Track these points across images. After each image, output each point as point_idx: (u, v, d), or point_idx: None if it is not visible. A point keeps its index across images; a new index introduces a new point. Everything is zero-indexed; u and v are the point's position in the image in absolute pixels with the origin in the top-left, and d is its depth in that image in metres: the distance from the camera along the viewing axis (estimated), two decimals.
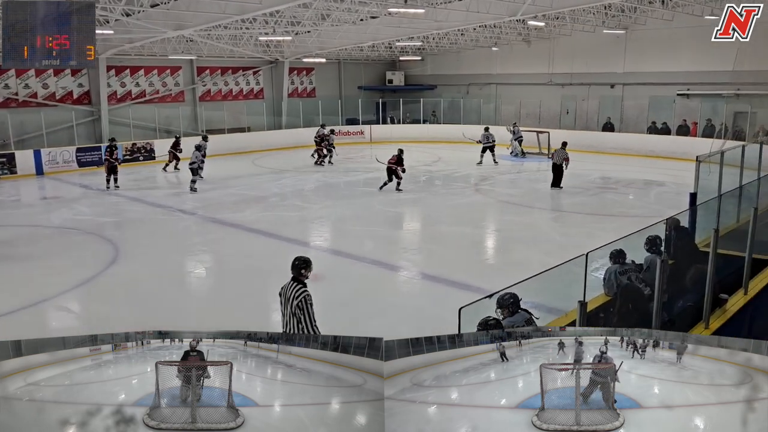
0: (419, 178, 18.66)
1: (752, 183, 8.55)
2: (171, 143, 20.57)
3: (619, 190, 16.49)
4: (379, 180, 16.46)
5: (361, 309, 8.14)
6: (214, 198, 15.69)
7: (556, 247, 10.81)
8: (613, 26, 22.92)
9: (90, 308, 8.68)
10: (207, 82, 26.52)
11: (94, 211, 14.54)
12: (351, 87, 31.10)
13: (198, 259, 11.05)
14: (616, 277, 5.69)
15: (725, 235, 6.67)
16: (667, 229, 6.25)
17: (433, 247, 11.38)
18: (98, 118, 22.93)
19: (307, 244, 11.86)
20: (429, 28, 21.32)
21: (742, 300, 6.40)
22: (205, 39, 22.06)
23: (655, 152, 21.56)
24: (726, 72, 20.20)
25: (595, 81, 25.18)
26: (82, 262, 10.32)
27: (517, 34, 25.05)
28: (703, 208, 7.49)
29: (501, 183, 18.36)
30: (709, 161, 9.14)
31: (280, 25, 19.96)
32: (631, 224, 9.93)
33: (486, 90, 28.90)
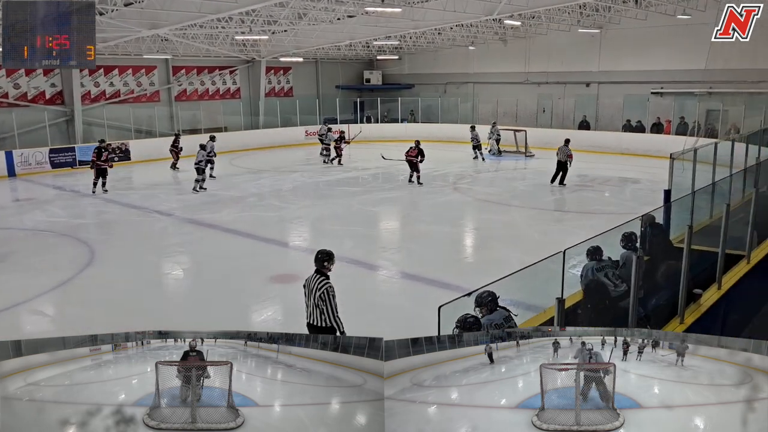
0: (398, 177, 18.67)
1: (724, 179, 8.70)
2: (171, 141, 20.57)
3: (596, 187, 16.68)
4: (358, 180, 16.45)
5: (340, 308, 8.12)
6: (191, 199, 15.54)
7: (534, 244, 10.89)
8: (588, 25, 23.18)
9: (66, 311, 8.53)
10: (183, 82, 26.24)
11: (69, 213, 14.30)
12: (329, 86, 31.01)
13: (175, 260, 10.93)
14: (593, 273, 5.74)
15: (699, 231, 6.78)
16: (643, 226, 6.33)
17: (412, 246, 11.40)
18: (72, 119, 22.54)
19: (286, 245, 11.81)
20: (406, 27, 21.35)
21: (715, 295, 6.51)
22: (180, 38, 21.82)
23: (630, 150, 21.86)
24: (698, 71, 20.53)
25: (570, 80, 25.46)
26: (56, 265, 10.14)
27: (494, 33, 25.19)
28: (678, 204, 7.60)
29: (479, 181, 18.46)
30: (682, 159, 9.28)
31: (256, 24, 19.82)
32: (607, 221, 10.06)
33: (463, 89, 29.03)
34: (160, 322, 3.65)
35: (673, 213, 7.53)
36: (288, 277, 9.45)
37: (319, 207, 14.67)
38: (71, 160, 20.66)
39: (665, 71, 22.62)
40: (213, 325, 3.55)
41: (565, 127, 24.74)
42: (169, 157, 20.64)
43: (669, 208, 7.84)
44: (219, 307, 8.25)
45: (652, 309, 5.88)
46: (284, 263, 10.43)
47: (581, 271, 5.83)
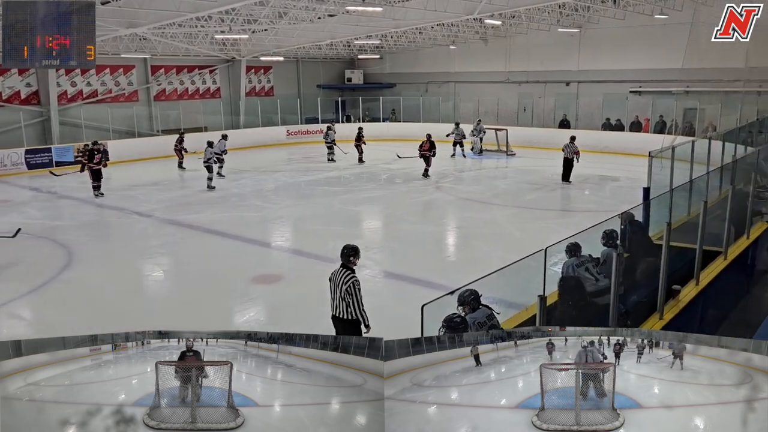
0: (380, 176, 18.68)
1: (702, 177, 8.82)
2: (175, 140, 20.49)
3: (576, 185, 16.82)
4: (340, 179, 16.41)
5: (323, 308, 8.09)
6: (172, 199, 15.39)
7: (515, 242, 10.96)
8: (567, 25, 23.37)
9: (43, 314, 8.40)
10: (162, 81, 25.98)
11: (46, 215, 14.08)
12: (310, 86, 30.91)
13: (155, 261, 10.81)
14: (573, 270, 5.78)
15: (677, 228, 6.86)
16: (622, 223, 6.39)
17: (394, 245, 11.40)
18: (48, 119, 22.21)
19: (268, 245, 11.75)
20: (387, 26, 21.36)
21: (694, 290, 6.60)
22: (159, 37, 21.60)
23: (609, 148, 22.08)
24: (675, 70, 20.81)
25: (550, 79, 25.66)
26: (33, 268, 9.97)
27: (475, 32, 25.30)
28: (656, 202, 7.69)
29: (461, 180, 18.52)
30: (661, 156, 9.38)
31: (236, 23, 19.68)
32: (587, 219, 10.15)
33: (445, 88, 29.12)
34: (140, 324, 3.61)
35: (652, 210, 7.60)
36: (270, 278, 9.42)
37: (301, 207, 14.61)
38: (48, 161, 20.34)
39: (643, 70, 22.91)
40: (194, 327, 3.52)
41: (545, 126, 24.94)
42: (173, 155, 20.55)
43: (648, 206, 7.92)
44: (200, 308, 8.18)
45: (632, 305, 5.94)
46: (266, 264, 10.37)
47: (561, 268, 5.87)
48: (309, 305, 8.20)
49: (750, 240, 8.60)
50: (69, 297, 8.83)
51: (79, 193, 16.26)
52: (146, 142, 23.42)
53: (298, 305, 8.29)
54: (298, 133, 27.51)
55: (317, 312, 7.93)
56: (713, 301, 7.13)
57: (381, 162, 20.78)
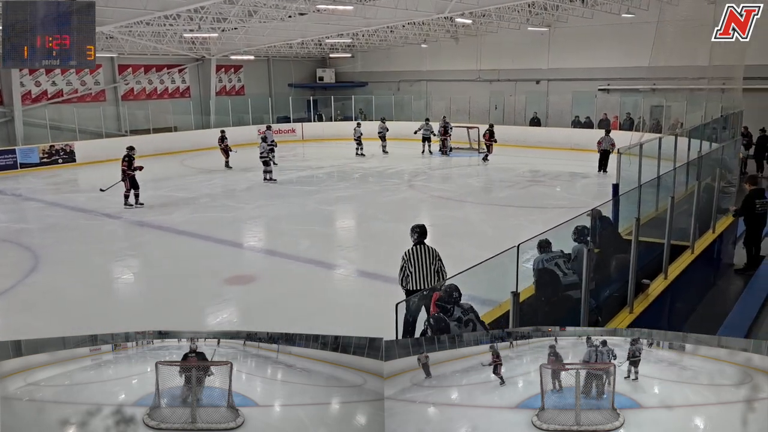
0: (352, 175, 18.64)
1: (669, 173, 8.99)
2: (218, 138, 20.12)
3: (547, 182, 17.02)
4: (313, 178, 16.34)
5: (298, 308, 8.05)
6: (141, 200, 15.12)
7: (488, 239, 11.04)
8: (537, 24, 23.62)
9: (10, 319, 8.18)
10: (129, 81, 25.55)
11: (10, 218, 13.74)
12: (281, 84, 30.71)
13: (125, 264, 10.62)
14: (543, 265, 5.85)
15: (646, 224, 6.98)
16: (592, 220, 6.48)
17: (368, 244, 11.39)
18: (11, 120, 21.69)
19: (241, 245, 11.63)
20: (358, 25, 21.34)
21: (662, 284, 6.72)
22: (126, 36, 21.23)
23: (579, 145, 22.38)
24: (642, 68, 21.17)
25: (521, 77, 25.91)
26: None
27: (446, 31, 25.42)
28: (625, 198, 7.81)
29: (434, 178, 18.59)
30: (629, 153, 9.53)
31: (205, 22, 19.45)
32: (559, 215, 10.27)
33: (416, 86, 29.20)
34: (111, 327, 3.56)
35: (621, 206, 7.73)
36: (243, 278, 9.33)
37: (274, 207, 14.51)
38: (12, 162, 19.88)
39: (611, 68, 23.27)
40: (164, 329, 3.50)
41: (516, 124, 25.16)
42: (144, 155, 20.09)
43: (617, 202, 8.05)
44: (172, 310, 8.07)
45: (604, 300, 6.03)
46: (239, 264, 10.27)
47: (533, 264, 5.93)
48: (283, 305, 8.17)
49: (716, 234, 8.80)
50: (36, 301, 8.62)
51: (44, 196, 15.91)
52: (114, 143, 23.00)
53: (272, 305, 8.24)
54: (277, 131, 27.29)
55: (292, 312, 7.91)
56: (681, 294, 7.27)
57: (353, 161, 20.74)
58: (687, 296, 7.65)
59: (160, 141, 23.75)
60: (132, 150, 14.47)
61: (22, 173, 19.61)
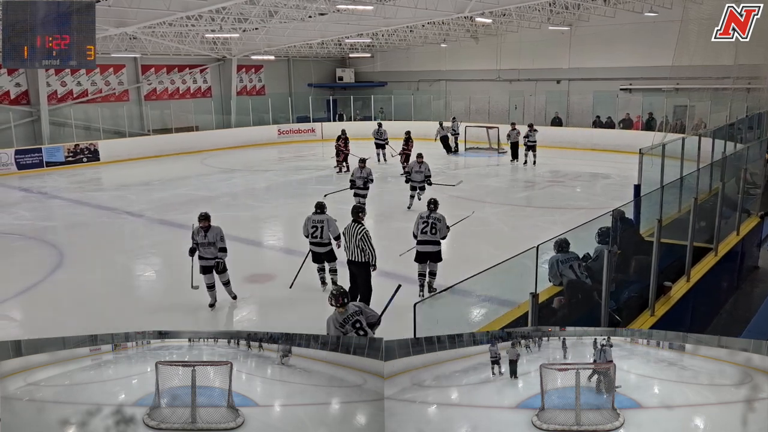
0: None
1: (692, 174, 8.87)
2: (335, 139, 19.24)
3: (567, 183, 16.87)
4: (332, 177, 16.38)
5: (318, 307, 8.08)
6: (162, 199, 15.31)
7: (507, 240, 10.99)
8: (557, 23, 23.42)
9: (35, 316, 8.34)
10: (152, 81, 25.85)
11: (36, 215, 13.99)
12: (301, 84, 30.84)
13: (147, 262, 10.76)
14: (558, 265, 5.81)
15: (668, 225, 6.90)
16: (613, 221, 6.42)
17: (386, 243, 11.37)
18: (38, 119, 22.06)
19: (260, 244, 11.72)
20: (378, 24, 21.33)
21: (684, 287, 6.64)
22: (149, 36, 21.48)
23: (600, 146, 22.17)
24: (665, 67, 20.92)
25: (541, 77, 25.71)
26: (24, 268, 9.92)
27: (465, 30, 25.31)
28: (647, 199, 7.72)
29: (453, 178, 18.51)
30: (651, 154, 9.43)
31: (226, 22, 19.61)
32: (579, 216, 10.19)
33: (436, 86, 29.13)
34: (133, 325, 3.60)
35: (642, 207, 7.64)
36: (263, 277, 9.40)
37: (293, 206, 14.56)
38: (38, 161, 20.22)
39: (633, 68, 22.98)
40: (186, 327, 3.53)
41: (537, 124, 24.94)
42: (165, 155, 20.38)
43: (639, 203, 7.96)
44: (193, 308, 8.15)
45: (624, 302, 5.97)
46: (259, 263, 10.34)
47: (549, 263, 5.90)
48: (306, 303, 8.20)
49: (740, 236, 8.67)
50: (60, 298, 8.78)
51: (69, 194, 16.17)
52: (137, 142, 23.33)
53: (294, 303, 8.29)
54: (289, 132, 27.45)
55: (311, 311, 7.94)
56: (704, 297, 7.18)
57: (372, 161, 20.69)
58: (710, 299, 7.55)
59: (181, 140, 24.01)
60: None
61: (48, 171, 19.95)
